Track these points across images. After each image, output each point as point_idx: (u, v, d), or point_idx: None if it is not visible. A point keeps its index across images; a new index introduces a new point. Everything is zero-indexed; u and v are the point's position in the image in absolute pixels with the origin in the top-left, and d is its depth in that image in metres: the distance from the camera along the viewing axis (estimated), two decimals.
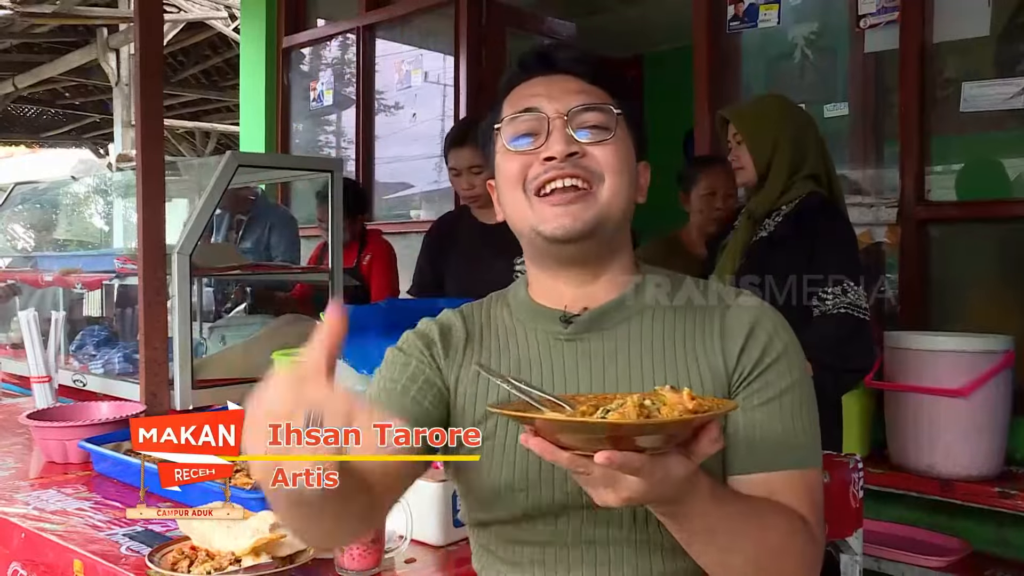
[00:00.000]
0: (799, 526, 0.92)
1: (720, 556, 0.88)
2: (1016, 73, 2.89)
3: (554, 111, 1.00)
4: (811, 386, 1.01)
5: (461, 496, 1.10)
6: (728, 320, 1.01)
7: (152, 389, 2.08)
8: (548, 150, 0.99)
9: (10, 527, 1.44)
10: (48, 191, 3.52)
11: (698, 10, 3.58)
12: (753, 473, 0.96)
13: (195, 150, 11.21)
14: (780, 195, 2.23)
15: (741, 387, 0.98)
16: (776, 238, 2.19)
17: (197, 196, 2.64)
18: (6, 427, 2.18)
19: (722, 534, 0.86)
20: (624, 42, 6.46)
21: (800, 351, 1.02)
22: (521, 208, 1.02)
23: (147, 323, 2.07)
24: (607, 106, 1.01)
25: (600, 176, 0.99)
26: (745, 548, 0.88)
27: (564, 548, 0.99)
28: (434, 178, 4.77)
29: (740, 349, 0.99)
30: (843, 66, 3.35)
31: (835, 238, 2.15)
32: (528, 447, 0.75)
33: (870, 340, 2.12)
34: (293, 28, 5.44)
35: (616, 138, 1.01)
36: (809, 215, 2.17)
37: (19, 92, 9.36)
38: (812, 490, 0.96)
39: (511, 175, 1.02)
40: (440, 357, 1.06)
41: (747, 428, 0.97)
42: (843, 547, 1.83)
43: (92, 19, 7.43)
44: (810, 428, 0.99)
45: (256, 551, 1.16)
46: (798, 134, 2.25)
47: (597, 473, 0.74)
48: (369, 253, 3.71)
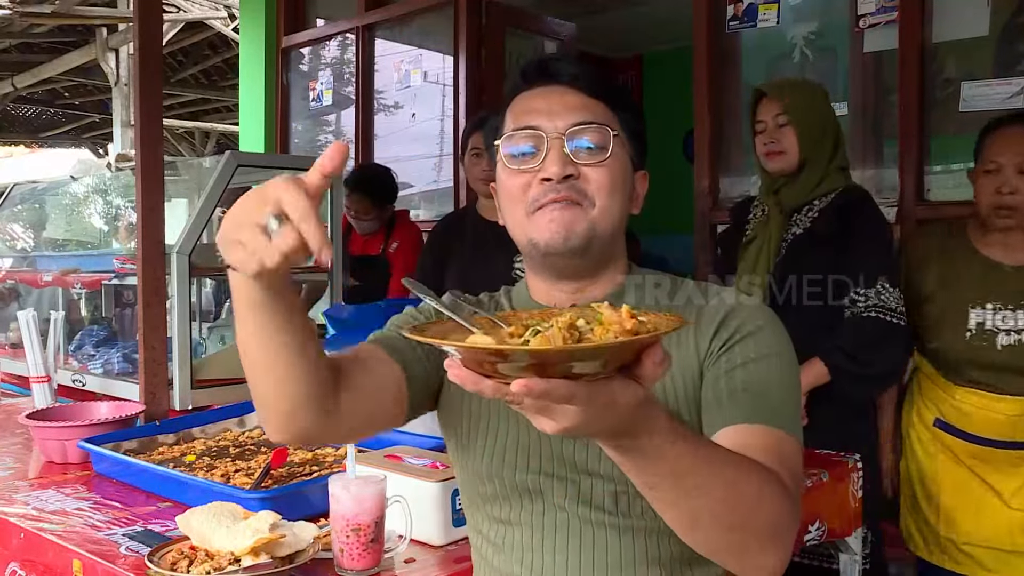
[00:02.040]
0: (773, 478, 0.86)
1: (687, 504, 0.80)
2: (1015, 73, 2.89)
3: (553, 129, 1.03)
4: (793, 363, 1.02)
5: (457, 472, 1.14)
6: (705, 310, 1.04)
7: (151, 389, 2.08)
8: (545, 171, 1.02)
9: (9, 527, 1.44)
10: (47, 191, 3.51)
11: (697, 10, 3.58)
12: (727, 426, 0.94)
13: (195, 150, 11.21)
14: (817, 186, 2.14)
15: (717, 357, 1.00)
16: (818, 234, 2.10)
17: (197, 196, 2.65)
18: (5, 427, 2.18)
19: (688, 476, 0.78)
20: (624, 42, 6.47)
21: (782, 332, 1.03)
22: (520, 222, 1.06)
23: (146, 323, 2.07)
24: (604, 127, 1.03)
25: (592, 200, 1.03)
26: (714, 494, 0.80)
27: (552, 531, 1.02)
28: (433, 178, 4.77)
29: (718, 325, 1.01)
30: (842, 66, 3.35)
31: (877, 236, 2.08)
32: (450, 378, 0.70)
33: (900, 346, 2.06)
34: (292, 28, 5.43)
35: (612, 158, 1.04)
36: (854, 209, 2.09)
37: (18, 92, 9.35)
38: (787, 456, 0.92)
39: (510, 192, 1.06)
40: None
41: (717, 387, 0.98)
42: (843, 547, 1.83)
43: (91, 19, 7.43)
44: (787, 398, 0.98)
45: (255, 551, 1.16)
46: (837, 124, 2.20)
47: (527, 403, 0.68)
48: (396, 240, 3.69)
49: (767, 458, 0.89)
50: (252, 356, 0.90)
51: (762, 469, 0.85)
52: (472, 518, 1.13)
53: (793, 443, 0.95)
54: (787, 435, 0.94)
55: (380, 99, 5.04)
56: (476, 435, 1.07)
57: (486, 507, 1.08)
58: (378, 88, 5.03)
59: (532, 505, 1.03)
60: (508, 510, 1.05)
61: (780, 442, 0.93)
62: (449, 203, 4.57)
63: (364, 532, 1.21)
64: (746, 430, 0.93)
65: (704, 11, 3.56)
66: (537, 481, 1.02)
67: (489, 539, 1.09)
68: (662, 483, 0.79)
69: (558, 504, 1.02)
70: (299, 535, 1.22)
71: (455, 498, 1.34)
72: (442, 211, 4.65)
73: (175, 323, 2.17)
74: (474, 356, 0.68)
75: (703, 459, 0.80)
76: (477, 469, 1.07)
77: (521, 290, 1.15)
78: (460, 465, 1.12)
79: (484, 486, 1.07)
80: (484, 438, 1.06)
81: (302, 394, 0.92)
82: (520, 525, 1.04)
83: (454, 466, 1.15)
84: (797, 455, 0.95)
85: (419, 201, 4.83)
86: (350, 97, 5.13)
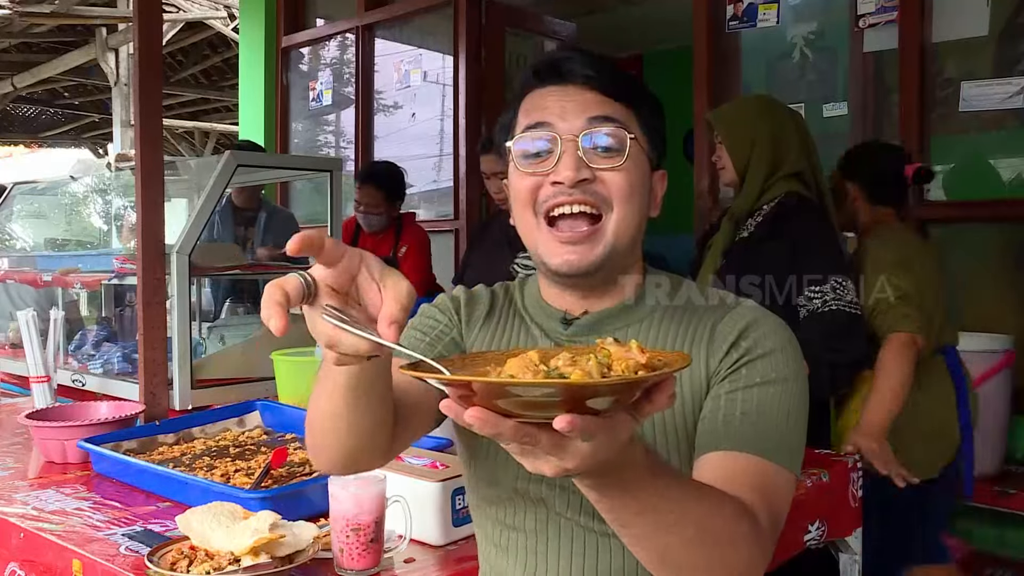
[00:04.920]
0: (745, 516, 0.82)
1: (657, 541, 0.78)
2: (1015, 73, 2.89)
3: (566, 130, 0.97)
4: (803, 393, 0.97)
5: (464, 471, 1.13)
6: (720, 327, 1.00)
7: (151, 389, 2.07)
8: (558, 175, 0.97)
9: (9, 527, 1.44)
10: (47, 191, 3.51)
11: (698, 10, 3.59)
12: (717, 451, 0.91)
13: (194, 150, 11.22)
14: (760, 195, 2.23)
15: (724, 377, 0.96)
16: (755, 239, 2.20)
17: (196, 196, 2.64)
18: (5, 427, 2.18)
19: (662, 512, 0.76)
20: (624, 42, 6.47)
21: (798, 357, 0.99)
22: (531, 230, 1.02)
23: (146, 323, 2.06)
24: (620, 128, 0.98)
25: (609, 204, 0.98)
26: (684, 532, 0.77)
27: (555, 538, 1.02)
28: (433, 178, 4.77)
29: (729, 346, 0.97)
30: (842, 66, 3.35)
31: (814, 237, 2.14)
32: (466, 422, 0.63)
33: (862, 334, 2.12)
34: (292, 28, 5.44)
35: (629, 160, 0.98)
36: (786, 215, 2.17)
37: (18, 92, 9.36)
38: (773, 489, 0.89)
39: (522, 194, 1.01)
40: (463, 323, 1.12)
41: (716, 407, 0.94)
42: (843, 547, 1.83)
43: (91, 19, 7.43)
44: (788, 428, 0.94)
45: (255, 551, 1.16)
46: (777, 133, 2.24)
47: (545, 441, 0.65)
48: (405, 244, 3.68)
49: (749, 491, 0.85)
50: (323, 408, 0.88)
51: (735, 506, 0.82)
52: (477, 519, 1.13)
53: (784, 476, 0.91)
54: (779, 468, 0.90)
55: (380, 99, 5.04)
56: (482, 438, 1.05)
57: (491, 510, 1.08)
58: (378, 88, 5.03)
59: (535, 512, 1.02)
60: (512, 515, 1.05)
61: (769, 474, 0.89)
62: (449, 203, 4.57)
63: (364, 532, 1.21)
64: (735, 458, 0.90)
65: (704, 11, 3.56)
66: (540, 490, 1.02)
67: (493, 540, 1.08)
68: (634, 520, 0.76)
69: (560, 512, 1.01)
70: (299, 535, 1.21)
71: (455, 498, 1.34)
72: (442, 211, 4.66)
73: (175, 323, 2.17)
74: (494, 392, 0.64)
75: (675, 495, 0.77)
76: (482, 472, 1.06)
77: (532, 290, 1.12)
78: (467, 464, 1.11)
79: (488, 489, 1.06)
80: (490, 442, 1.02)
81: (366, 447, 0.92)
82: (523, 531, 1.04)
83: (462, 465, 1.14)
84: (785, 489, 0.91)
85: (419, 201, 4.84)
86: (350, 97, 5.13)
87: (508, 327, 1.11)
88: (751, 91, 3.56)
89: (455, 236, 4.52)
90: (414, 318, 1.14)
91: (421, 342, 1.09)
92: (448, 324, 1.12)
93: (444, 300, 1.15)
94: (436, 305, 1.15)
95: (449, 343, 1.10)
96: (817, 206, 2.23)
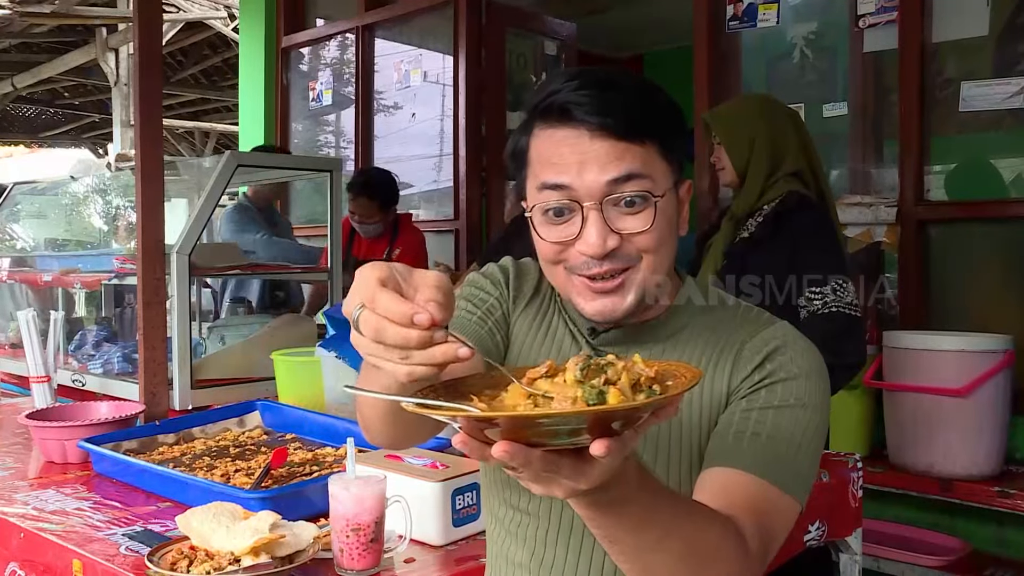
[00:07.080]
0: (732, 536, 0.82)
1: (645, 558, 0.79)
2: (1015, 73, 2.89)
3: (587, 194, 0.91)
4: (821, 423, 0.95)
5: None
6: (749, 344, 0.98)
7: (151, 389, 2.07)
8: (585, 245, 0.92)
9: (9, 527, 1.44)
10: (47, 191, 3.51)
11: (698, 10, 3.59)
12: (723, 466, 0.90)
13: (194, 150, 11.22)
14: (760, 195, 2.23)
15: (745, 395, 0.95)
16: (755, 239, 2.20)
17: (197, 196, 2.64)
18: (5, 427, 2.18)
19: (651, 529, 0.76)
20: (624, 42, 6.47)
21: (823, 387, 0.97)
22: (563, 282, 0.99)
23: (146, 323, 2.07)
24: (644, 189, 0.91)
25: (639, 257, 0.94)
26: (673, 546, 0.78)
27: (568, 528, 1.02)
28: (433, 178, 4.77)
29: (755, 367, 0.96)
30: (842, 66, 3.35)
31: (815, 237, 2.14)
32: (493, 458, 0.63)
33: (862, 336, 2.13)
34: (292, 28, 5.43)
35: (656, 214, 0.92)
36: (787, 215, 2.17)
37: (18, 92, 9.37)
38: (771, 513, 0.88)
39: (548, 254, 0.97)
40: (512, 297, 1.10)
41: (729, 422, 0.94)
42: (843, 547, 1.83)
43: (91, 19, 7.43)
44: (799, 453, 0.92)
45: (255, 551, 1.16)
46: (776, 132, 2.25)
47: (568, 466, 0.65)
48: (399, 246, 3.71)
49: (745, 511, 0.85)
50: (379, 405, 0.88)
51: (724, 525, 0.81)
52: (488, 499, 1.12)
53: (786, 502, 0.90)
54: (782, 493, 0.89)
55: (380, 99, 5.04)
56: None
57: (504, 492, 1.07)
58: (378, 88, 5.03)
59: (550, 499, 1.00)
60: (526, 500, 1.04)
61: (770, 498, 0.88)
62: (449, 203, 4.57)
63: (364, 532, 1.21)
64: (738, 476, 0.89)
65: (704, 11, 3.56)
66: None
67: (504, 524, 1.08)
68: (624, 536, 0.76)
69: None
70: (299, 535, 1.21)
71: (455, 498, 1.34)
72: (442, 211, 4.66)
73: (175, 323, 2.17)
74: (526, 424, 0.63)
75: (664, 512, 0.77)
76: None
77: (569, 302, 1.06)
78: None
79: (501, 469, 1.03)
80: None
81: (414, 433, 0.96)
82: (536, 516, 1.04)
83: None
84: (785, 515, 0.90)
85: (419, 201, 4.84)
86: (350, 97, 5.13)
87: (548, 319, 1.09)
88: (752, 91, 3.56)
89: (455, 236, 4.52)
90: (463, 289, 1.11)
91: (471, 317, 1.06)
92: (498, 298, 1.09)
93: (493, 270, 1.12)
94: (485, 274, 1.12)
95: (500, 318, 1.08)
96: (817, 205, 2.23)
